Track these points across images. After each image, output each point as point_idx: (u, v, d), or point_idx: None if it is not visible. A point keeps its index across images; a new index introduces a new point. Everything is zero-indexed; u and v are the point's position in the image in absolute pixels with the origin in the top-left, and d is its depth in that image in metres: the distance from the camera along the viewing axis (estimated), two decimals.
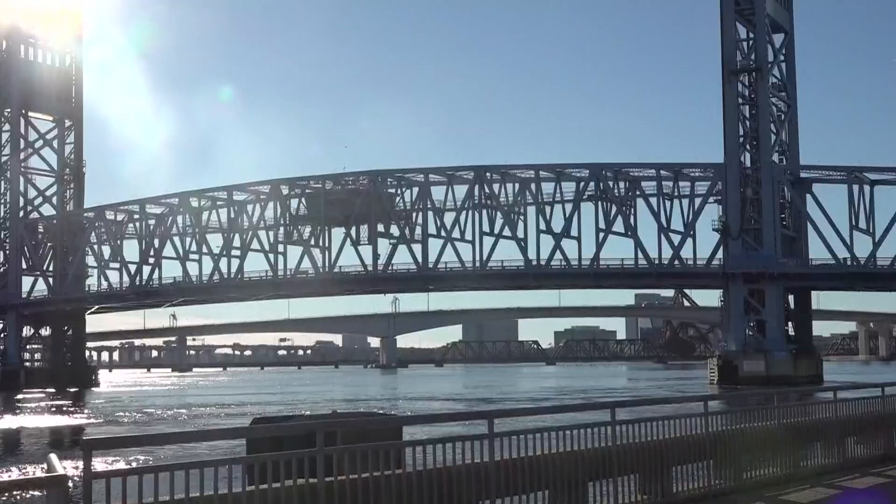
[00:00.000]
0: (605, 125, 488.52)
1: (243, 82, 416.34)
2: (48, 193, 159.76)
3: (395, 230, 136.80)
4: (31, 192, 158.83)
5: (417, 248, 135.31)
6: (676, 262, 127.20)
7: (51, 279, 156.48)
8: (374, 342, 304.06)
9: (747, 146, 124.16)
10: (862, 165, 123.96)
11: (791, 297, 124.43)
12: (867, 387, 21.44)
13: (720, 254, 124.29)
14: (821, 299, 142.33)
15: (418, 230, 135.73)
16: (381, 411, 39.28)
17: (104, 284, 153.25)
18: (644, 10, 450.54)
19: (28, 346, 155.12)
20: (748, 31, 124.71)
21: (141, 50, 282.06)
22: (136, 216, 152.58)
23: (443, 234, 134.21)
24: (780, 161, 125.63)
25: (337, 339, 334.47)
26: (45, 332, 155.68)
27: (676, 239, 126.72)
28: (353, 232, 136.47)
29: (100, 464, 8.49)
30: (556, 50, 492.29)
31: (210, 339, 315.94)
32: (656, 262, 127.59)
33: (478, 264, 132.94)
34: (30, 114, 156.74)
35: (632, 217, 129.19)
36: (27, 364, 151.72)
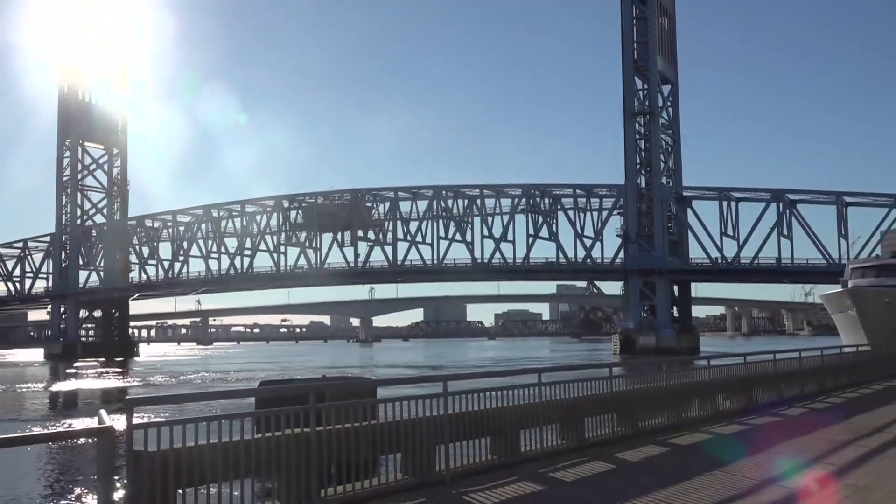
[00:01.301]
0: (535, 153, 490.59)
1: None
2: (100, 206, 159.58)
3: (371, 235, 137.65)
4: (87, 205, 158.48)
5: (389, 249, 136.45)
6: (588, 260, 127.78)
7: (101, 273, 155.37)
8: (355, 322, 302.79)
9: (642, 171, 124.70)
10: (729, 186, 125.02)
11: (675, 288, 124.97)
12: (733, 356, 21.67)
13: (622, 254, 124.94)
14: (698, 289, 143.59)
15: (389, 235, 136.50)
16: (359, 376, 39.53)
17: (143, 277, 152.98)
18: (567, 66, 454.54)
19: (83, 326, 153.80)
20: (643, 83, 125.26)
21: (192, 93, 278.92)
22: (169, 224, 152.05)
23: (408, 238, 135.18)
24: (668, 183, 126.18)
25: (326, 319, 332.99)
26: (97, 314, 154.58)
27: (588, 242, 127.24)
28: (338, 237, 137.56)
29: (140, 418, 8.40)
30: (499, 94, 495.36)
31: (227, 320, 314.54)
32: (573, 260, 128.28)
33: (435, 262, 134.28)
34: (86, 144, 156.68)
35: (554, 226, 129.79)
36: (83, 339, 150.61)
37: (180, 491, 8.41)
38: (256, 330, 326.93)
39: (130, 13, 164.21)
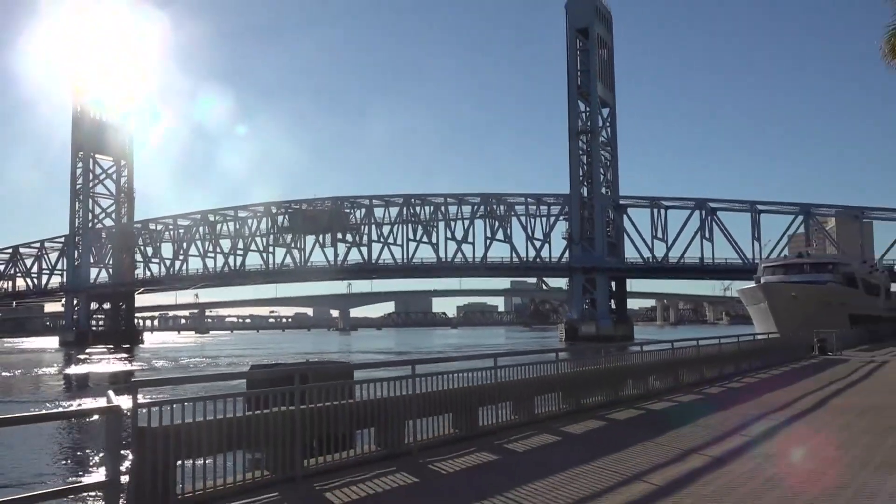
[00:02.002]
0: (492, 166, 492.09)
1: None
2: (108, 211, 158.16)
3: (349, 237, 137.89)
4: (97, 210, 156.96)
5: (365, 249, 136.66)
6: (538, 259, 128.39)
7: (110, 270, 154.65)
8: (335, 313, 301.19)
9: (585, 182, 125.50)
10: (659, 196, 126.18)
11: (613, 283, 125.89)
12: (662, 342, 21.85)
13: (567, 254, 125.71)
14: (632, 284, 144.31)
15: (365, 237, 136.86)
16: (338, 360, 39.44)
17: (147, 274, 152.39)
18: (521, 91, 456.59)
19: (94, 317, 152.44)
20: (585, 106, 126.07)
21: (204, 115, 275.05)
22: (171, 227, 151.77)
23: (381, 240, 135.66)
24: (606, 193, 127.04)
25: (309, 311, 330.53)
26: (106, 306, 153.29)
27: (538, 244, 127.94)
28: (320, 238, 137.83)
29: (144, 398, 8.32)
30: (462, 115, 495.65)
31: (221, 311, 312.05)
32: (524, 259, 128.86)
33: (405, 261, 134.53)
34: (97, 156, 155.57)
35: (508, 229, 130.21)
36: (93, 328, 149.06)
37: (179, 462, 8.35)
38: (248, 320, 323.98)
39: (135, 31, 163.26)
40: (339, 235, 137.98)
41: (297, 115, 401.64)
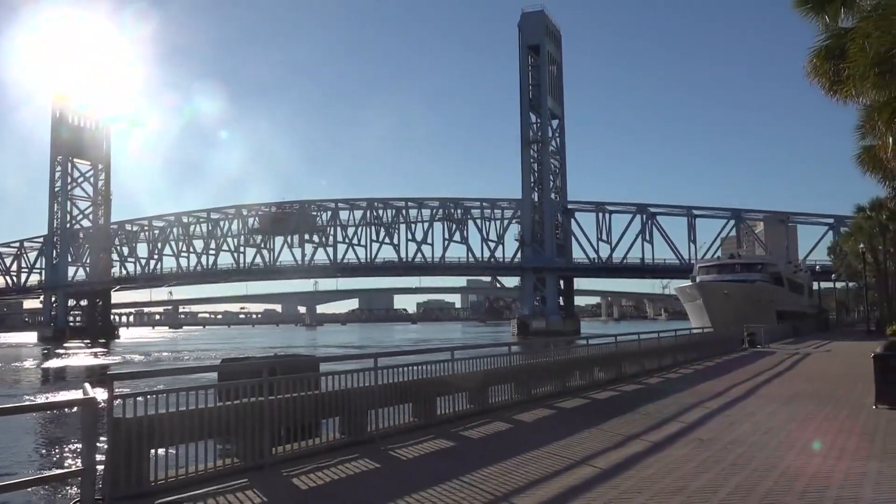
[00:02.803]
0: (450, 173, 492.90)
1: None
2: (86, 212, 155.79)
3: (316, 238, 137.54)
4: (75, 211, 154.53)
5: (330, 250, 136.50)
6: (492, 259, 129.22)
7: (87, 269, 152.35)
8: (302, 309, 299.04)
9: (536, 188, 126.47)
10: (604, 201, 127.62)
11: (561, 282, 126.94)
12: (606, 336, 21.96)
13: (519, 255, 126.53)
14: (579, 283, 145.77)
15: (331, 239, 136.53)
16: (305, 354, 39.14)
17: (123, 272, 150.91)
18: (477, 102, 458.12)
19: (71, 313, 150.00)
20: (536, 118, 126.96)
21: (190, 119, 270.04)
22: (146, 228, 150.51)
23: (346, 241, 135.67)
24: (556, 198, 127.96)
25: (278, 307, 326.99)
26: (84, 303, 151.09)
27: (492, 245, 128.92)
28: (288, 239, 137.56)
29: (119, 390, 8.18)
30: (423, 123, 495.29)
31: (194, 308, 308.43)
32: (480, 259, 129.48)
33: (368, 260, 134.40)
34: (75, 160, 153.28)
35: (465, 231, 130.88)
36: (71, 324, 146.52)
37: (153, 451, 8.22)
38: (219, 316, 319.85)
39: (118, 36, 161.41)
40: (307, 237, 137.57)
41: (277, 118, 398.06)
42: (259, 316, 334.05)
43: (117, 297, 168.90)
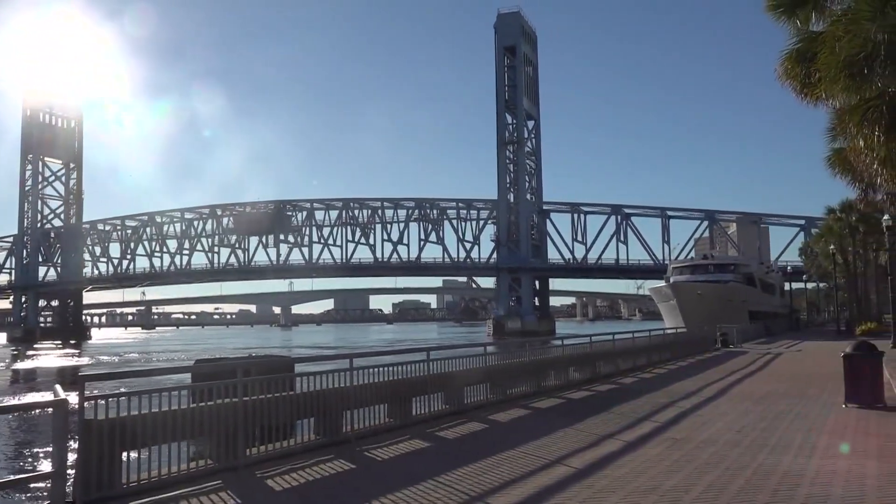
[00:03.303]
0: (426, 173, 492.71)
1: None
2: (58, 211, 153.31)
3: (291, 238, 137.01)
4: (46, 210, 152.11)
5: (306, 250, 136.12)
6: (468, 260, 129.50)
7: (59, 269, 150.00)
8: (277, 310, 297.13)
9: (511, 189, 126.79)
10: (579, 202, 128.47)
11: (537, 282, 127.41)
12: (581, 336, 22.02)
13: (495, 255, 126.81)
14: (554, 283, 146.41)
15: (306, 239, 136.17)
16: (280, 354, 38.90)
17: (96, 272, 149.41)
18: (454, 103, 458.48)
19: (42, 313, 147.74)
20: (513, 119, 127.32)
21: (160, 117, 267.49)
22: (119, 227, 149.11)
23: (322, 241, 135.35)
24: (531, 199, 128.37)
25: (252, 307, 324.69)
26: (55, 303, 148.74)
27: (468, 246, 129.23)
28: (263, 239, 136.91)
29: (91, 391, 8.09)
30: (400, 123, 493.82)
31: (168, 308, 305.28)
32: (456, 260, 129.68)
33: (344, 261, 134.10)
34: (46, 159, 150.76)
35: (441, 231, 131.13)
36: (41, 325, 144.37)
37: (125, 453, 8.13)
38: (193, 317, 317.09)
39: (93, 35, 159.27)
40: (282, 237, 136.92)
41: (258, 119, 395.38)
42: (234, 317, 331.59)
43: (89, 297, 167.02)
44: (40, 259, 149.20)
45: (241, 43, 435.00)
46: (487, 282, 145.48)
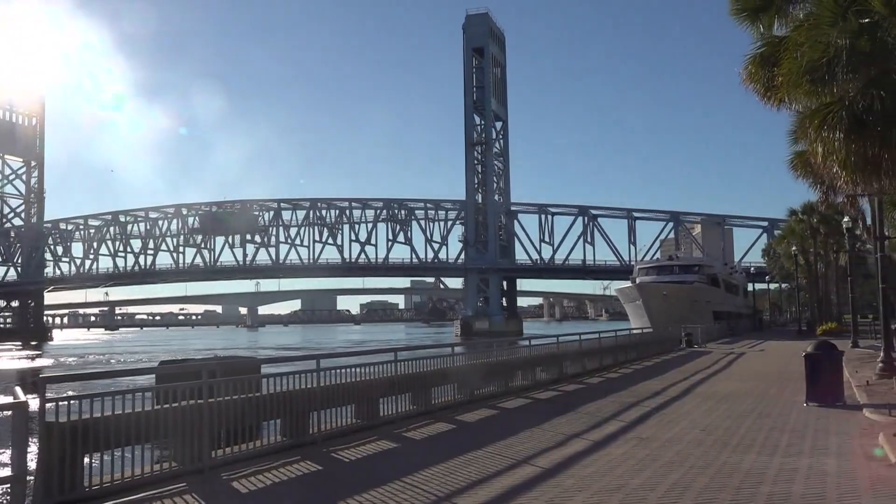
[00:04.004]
0: (394, 173, 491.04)
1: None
2: (18, 210, 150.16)
3: (257, 238, 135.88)
4: (6, 209, 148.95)
5: (273, 250, 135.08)
6: (436, 260, 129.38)
7: (19, 268, 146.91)
8: (243, 310, 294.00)
9: (479, 190, 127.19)
10: (546, 203, 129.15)
11: (504, 283, 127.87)
12: (548, 337, 22.09)
13: (462, 256, 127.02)
14: (522, 284, 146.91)
15: (273, 239, 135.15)
16: (246, 356, 38.50)
17: (57, 272, 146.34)
18: (422, 103, 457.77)
19: (2, 314, 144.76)
20: (481, 119, 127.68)
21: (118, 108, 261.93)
22: (81, 227, 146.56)
23: (289, 241, 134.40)
24: (499, 199, 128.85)
25: (218, 308, 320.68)
26: (15, 304, 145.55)
27: (436, 246, 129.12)
28: (230, 239, 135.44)
29: (52, 393, 7.95)
30: (367, 122, 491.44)
31: (131, 309, 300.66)
32: (424, 260, 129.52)
33: (311, 261, 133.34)
34: (6, 157, 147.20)
35: (409, 232, 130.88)
36: (1, 326, 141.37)
37: (87, 457, 8.01)
38: (158, 318, 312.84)
39: (57, 27, 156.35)
40: (248, 237, 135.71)
41: (227, 116, 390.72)
42: (199, 317, 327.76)
43: (51, 297, 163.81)
44: (0, 259, 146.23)
45: (239, 41, 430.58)
46: (455, 282, 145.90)
